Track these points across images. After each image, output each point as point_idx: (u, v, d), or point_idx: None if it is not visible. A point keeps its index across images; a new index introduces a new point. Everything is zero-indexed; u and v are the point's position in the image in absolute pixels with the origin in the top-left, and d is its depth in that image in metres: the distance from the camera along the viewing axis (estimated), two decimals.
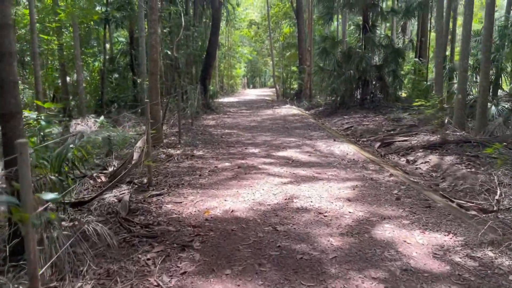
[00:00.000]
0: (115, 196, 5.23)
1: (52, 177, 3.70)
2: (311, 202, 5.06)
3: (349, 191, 5.56)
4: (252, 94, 39.83)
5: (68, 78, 17.51)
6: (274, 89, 31.40)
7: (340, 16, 24.13)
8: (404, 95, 19.74)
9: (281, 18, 31.81)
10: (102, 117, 12.63)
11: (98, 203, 5.04)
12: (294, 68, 29.24)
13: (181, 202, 5.04)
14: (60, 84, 16.77)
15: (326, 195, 5.36)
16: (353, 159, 7.71)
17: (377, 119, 13.87)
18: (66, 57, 15.59)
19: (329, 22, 19.99)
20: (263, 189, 5.64)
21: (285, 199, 5.17)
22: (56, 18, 11.35)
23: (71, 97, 17.01)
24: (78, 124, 12.51)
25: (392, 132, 11.27)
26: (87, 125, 12.61)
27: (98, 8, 15.76)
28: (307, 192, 5.48)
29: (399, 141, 9.91)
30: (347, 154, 8.19)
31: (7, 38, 3.24)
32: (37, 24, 12.45)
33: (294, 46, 29.28)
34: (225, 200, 5.14)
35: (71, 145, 3.86)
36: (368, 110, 15.97)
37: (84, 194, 5.53)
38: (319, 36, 22.79)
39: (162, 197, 5.25)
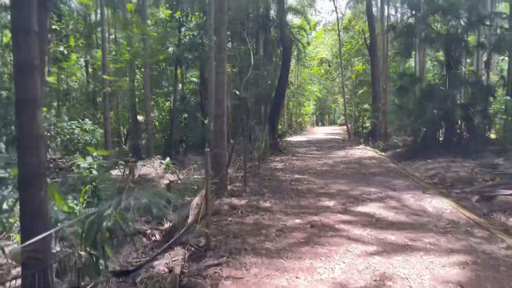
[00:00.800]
0: (166, 263, 4.43)
1: (83, 253, 2.96)
2: (410, 287, 3.86)
3: (458, 271, 4.27)
4: (321, 132, 38.68)
5: (140, 118, 17.76)
6: (344, 127, 30.09)
7: (416, 53, 22.69)
8: (493, 136, 17.64)
9: (353, 55, 30.91)
10: (167, 159, 12.31)
11: (146, 271, 4.26)
12: (366, 106, 27.95)
13: (242, 278, 4.09)
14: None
15: (428, 276, 4.13)
16: (452, 219, 6.32)
17: (467, 164, 12.15)
18: (137, 97, 15.79)
19: (407, 58, 18.71)
20: (343, 262, 4.53)
21: (375, 280, 4.03)
22: (121, 59, 11.41)
23: (143, 136, 17.17)
24: (144, 165, 12.24)
25: (490, 182, 9.61)
26: (153, 167, 12.32)
27: (170, 49, 15.93)
28: (402, 270, 4.28)
29: (503, 194, 8.29)
30: (443, 212, 6.80)
31: (32, 82, 2.60)
32: (110, 65, 12.63)
33: (366, 84, 28.12)
34: (297, 278, 4.11)
35: (108, 212, 3.12)
36: (454, 153, 14.23)
37: (134, 256, 4.81)
38: (394, 73, 21.50)
39: (220, 269, 4.33)
